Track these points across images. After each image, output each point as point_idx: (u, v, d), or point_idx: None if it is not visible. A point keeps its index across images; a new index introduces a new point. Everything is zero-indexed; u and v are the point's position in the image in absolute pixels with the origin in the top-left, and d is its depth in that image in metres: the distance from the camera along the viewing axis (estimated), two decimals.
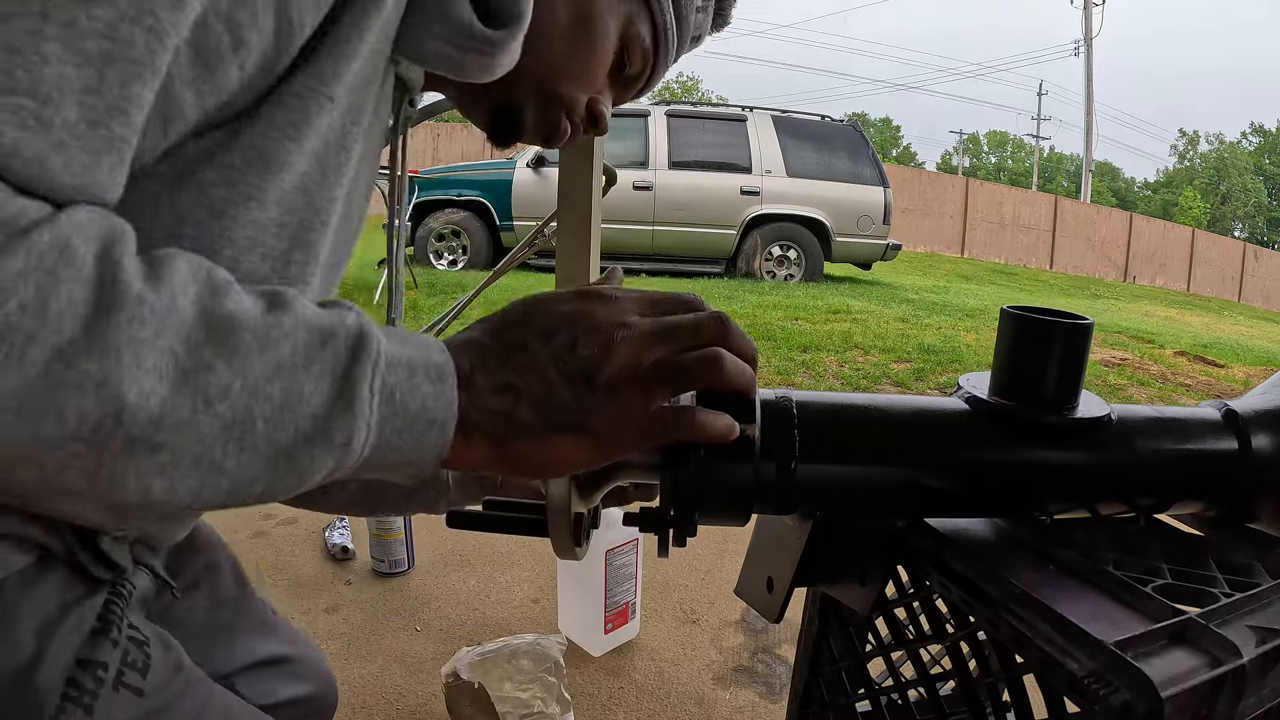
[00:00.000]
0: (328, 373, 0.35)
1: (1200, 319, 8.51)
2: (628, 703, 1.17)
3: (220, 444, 0.33)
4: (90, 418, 0.30)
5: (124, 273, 0.31)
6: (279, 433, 0.34)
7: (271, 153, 0.40)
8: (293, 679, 0.72)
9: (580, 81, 0.58)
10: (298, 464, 0.35)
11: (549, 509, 0.51)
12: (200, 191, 0.39)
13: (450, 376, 0.39)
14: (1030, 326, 0.52)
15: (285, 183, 0.41)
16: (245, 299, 0.35)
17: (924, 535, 0.52)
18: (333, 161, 0.44)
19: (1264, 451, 0.54)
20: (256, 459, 0.34)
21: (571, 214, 0.79)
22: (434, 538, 1.63)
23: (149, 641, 0.50)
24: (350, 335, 0.36)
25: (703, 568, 1.58)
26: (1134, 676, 0.37)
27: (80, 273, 0.30)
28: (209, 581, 0.69)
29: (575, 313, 0.42)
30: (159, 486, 0.33)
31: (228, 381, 0.33)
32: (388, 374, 0.37)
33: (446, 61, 0.48)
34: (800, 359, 3.51)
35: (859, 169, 6.66)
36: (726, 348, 0.44)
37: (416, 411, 0.38)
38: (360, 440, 0.36)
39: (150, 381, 0.31)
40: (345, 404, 0.35)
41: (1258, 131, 39.71)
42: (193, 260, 0.34)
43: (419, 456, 0.39)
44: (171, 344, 0.32)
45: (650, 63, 0.62)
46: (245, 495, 0.35)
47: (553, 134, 0.60)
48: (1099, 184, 40.88)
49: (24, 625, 0.43)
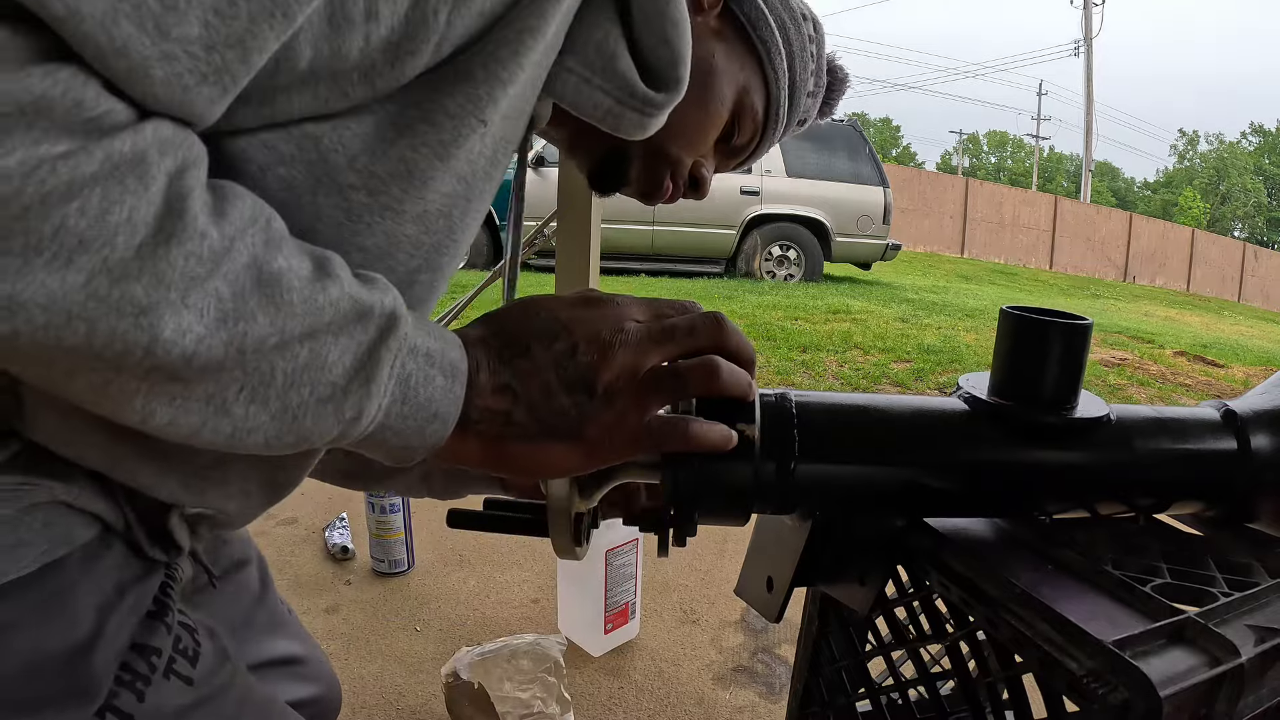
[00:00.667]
0: (353, 347, 0.36)
1: (1200, 319, 8.51)
2: (628, 703, 1.18)
3: (235, 388, 0.33)
4: (119, 340, 0.30)
5: (191, 202, 0.31)
6: (293, 392, 0.34)
7: (418, 168, 0.39)
8: (302, 680, 0.72)
9: (690, 143, 0.59)
10: (303, 425, 0.35)
11: (549, 509, 0.51)
12: (340, 194, 0.39)
13: (462, 375, 0.40)
14: (1029, 326, 0.52)
15: (429, 202, 0.41)
16: (295, 257, 0.35)
17: (923, 535, 0.52)
18: (479, 189, 0.43)
19: (1263, 451, 0.54)
20: (264, 411, 0.34)
21: (571, 214, 0.79)
22: (434, 538, 1.63)
23: (198, 629, 0.50)
24: (384, 315, 0.37)
25: (703, 568, 1.58)
26: (1133, 675, 0.37)
27: (149, 191, 0.29)
28: (238, 576, 0.69)
29: (576, 319, 0.42)
30: (162, 415, 0.33)
31: (264, 334, 0.33)
32: (408, 359, 0.37)
33: (604, 114, 0.48)
34: (800, 359, 3.51)
35: (859, 169, 6.66)
36: (723, 349, 0.44)
37: (424, 401, 0.38)
38: (370, 416, 0.37)
39: (189, 319, 0.31)
40: (365, 379, 0.36)
41: (1258, 131, 39.71)
42: (256, 204, 0.34)
43: (415, 443, 0.39)
44: (219, 286, 0.31)
45: (758, 135, 0.63)
46: (242, 442, 0.35)
47: (655, 191, 0.61)
48: (1099, 184, 40.89)
49: (84, 603, 0.43)
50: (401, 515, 1.48)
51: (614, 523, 1.22)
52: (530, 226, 1.53)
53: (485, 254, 6.29)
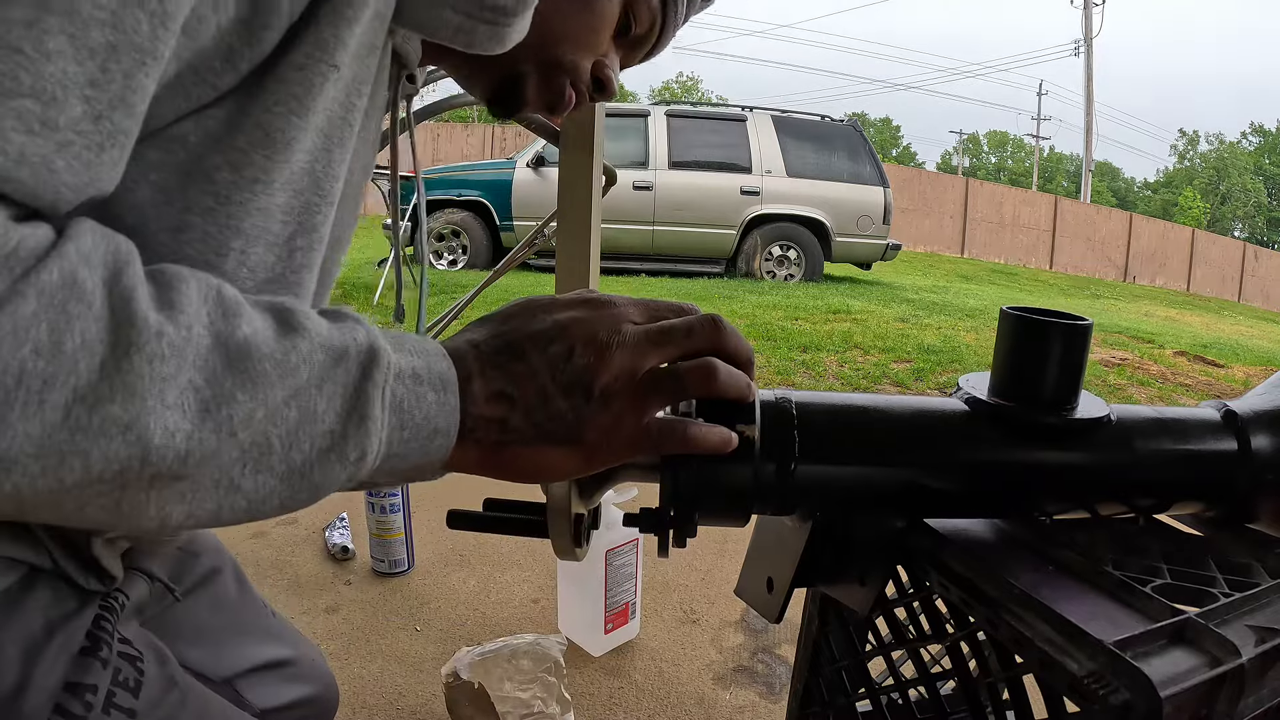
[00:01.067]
0: (340, 392, 0.35)
1: (1200, 319, 8.51)
2: (628, 703, 1.17)
3: (239, 467, 0.33)
4: (116, 461, 0.30)
5: (137, 305, 0.30)
6: (294, 452, 0.34)
7: (276, 130, 0.38)
8: (295, 681, 0.72)
9: (583, 45, 0.55)
10: (312, 480, 0.35)
11: (549, 510, 0.51)
12: (207, 180, 0.37)
13: (453, 385, 0.39)
14: (1030, 327, 0.52)
15: (294, 163, 0.40)
16: (257, 320, 0.34)
17: (923, 535, 0.52)
18: (337, 136, 0.42)
19: (1263, 452, 0.54)
20: (272, 478, 0.34)
21: (571, 214, 0.79)
22: (434, 538, 1.63)
23: (142, 656, 0.49)
24: (361, 352, 0.36)
25: (703, 568, 1.58)
26: (1133, 676, 0.37)
27: (92, 309, 0.29)
28: (211, 585, 0.68)
29: (573, 321, 0.42)
30: (178, 512, 0.33)
31: (249, 411, 0.32)
32: (396, 386, 0.37)
33: (456, 32, 0.46)
34: (800, 359, 3.51)
35: (859, 169, 6.66)
36: (721, 350, 0.44)
37: (421, 421, 0.38)
38: (374, 452, 0.36)
39: (174, 418, 0.30)
40: (359, 420, 0.35)
41: (1258, 131, 39.70)
42: (200, 279, 0.34)
43: (423, 462, 0.39)
44: (192, 377, 0.31)
45: (658, 21, 0.58)
46: (262, 511, 0.35)
47: (557, 102, 0.57)
48: (1099, 184, 40.87)
49: (8, 651, 0.41)
50: (401, 515, 1.48)
51: (614, 523, 1.21)
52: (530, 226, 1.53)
53: (485, 254, 6.29)
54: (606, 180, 0.82)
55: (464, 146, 13.39)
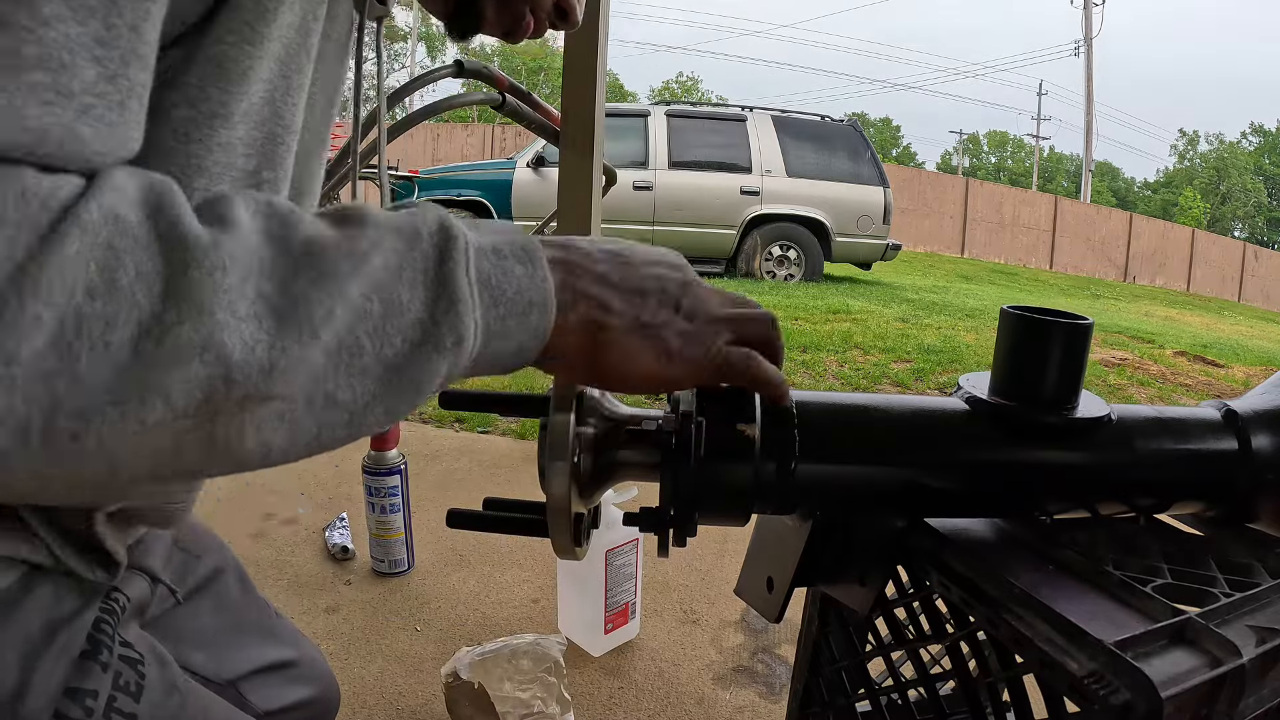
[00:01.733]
0: (421, 276, 0.33)
1: (1200, 319, 8.51)
2: (628, 703, 1.17)
3: (332, 376, 0.31)
4: (199, 387, 0.28)
5: (187, 226, 0.28)
6: (387, 348, 0.32)
7: (231, 62, 0.36)
8: (297, 682, 0.72)
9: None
10: (410, 375, 0.33)
11: (549, 509, 0.51)
12: (166, 118, 0.35)
13: (539, 256, 0.38)
14: (1030, 326, 0.52)
15: (252, 95, 0.38)
16: (314, 223, 0.33)
17: (924, 535, 0.52)
18: (295, 64, 0.40)
19: (1264, 451, 0.54)
20: (369, 382, 0.32)
21: (571, 213, 0.79)
22: (434, 537, 1.63)
23: (143, 659, 0.48)
24: (433, 232, 0.34)
25: (703, 568, 1.58)
26: (1134, 676, 0.37)
27: (139, 240, 0.27)
28: (214, 587, 0.68)
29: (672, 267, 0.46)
30: (279, 439, 0.31)
31: (328, 309, 0.30)
32: (480, 261, 0.35)
33: None
34: (800, 359, 3.51)
35: (859, 169, 6.66)
36: (771, 345, 0.47)
37: (514, 295, 0.36)
38: (471, 334, 0.34)
39: (250, 330, 0.28)
40: (449, 302, 0.33)
41: (1258, 131, 39.72)
42: (246, 195, 0.32)
43: (525, 339, 0.37)
44: (259, 285, 0.29)
45: None
46: (365, 423, 0.33)
47: (515, 27, 0.56)
48: (1099, 184, 40.89)
49: (6, 654, 0.40)
50: (401, 515, 1.48)
51: (614, 522, 1.21)
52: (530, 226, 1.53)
53: None
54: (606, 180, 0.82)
55: (464, 146, 13.40)
